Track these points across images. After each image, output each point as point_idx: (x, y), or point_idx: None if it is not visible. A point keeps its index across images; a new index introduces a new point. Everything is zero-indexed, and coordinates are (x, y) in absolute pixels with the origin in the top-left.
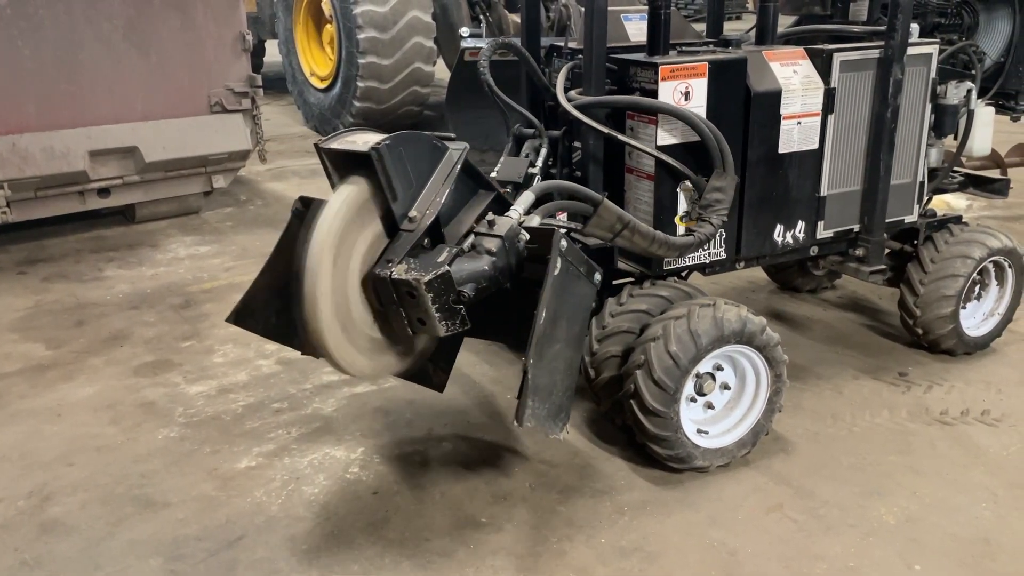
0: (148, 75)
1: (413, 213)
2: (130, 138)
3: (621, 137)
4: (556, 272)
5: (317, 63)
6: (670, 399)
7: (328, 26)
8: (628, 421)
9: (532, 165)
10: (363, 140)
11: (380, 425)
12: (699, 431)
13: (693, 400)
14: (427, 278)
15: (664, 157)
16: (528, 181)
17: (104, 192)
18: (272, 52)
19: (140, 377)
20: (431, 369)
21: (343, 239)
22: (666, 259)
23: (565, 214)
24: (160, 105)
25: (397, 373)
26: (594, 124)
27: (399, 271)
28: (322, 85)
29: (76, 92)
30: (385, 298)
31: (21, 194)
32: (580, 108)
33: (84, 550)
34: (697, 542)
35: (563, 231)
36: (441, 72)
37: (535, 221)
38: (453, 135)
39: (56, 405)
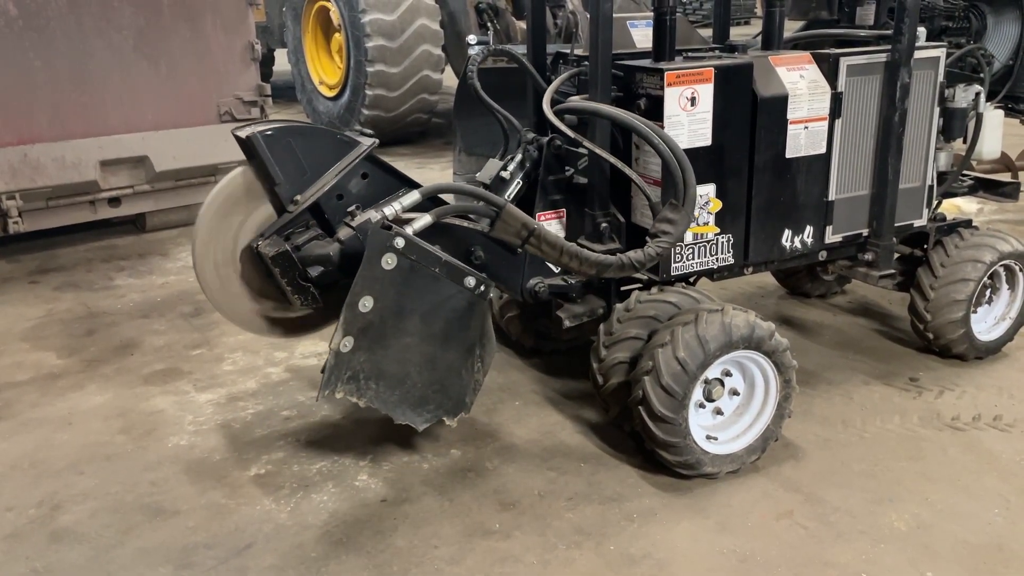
0: (158, 85)
1: (297, 197)
2: (140, 148)
3: (588, 143)
4: (390, 267)
5: (326, 72)
6: (678, 405)
7: (337, 35)
8: (636, 427)
9: (504, 168)
10: (259, 129)
11: (388, 432)
12: (708, 437)
13: (702, 406)
14: (271, 253)
15: (614, 161)
16: (497, 183)
17: (115, 201)
18: (281, 61)
19: (150, 385)
20: None
21: (220, 213)
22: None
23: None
24: (170, 114)
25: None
26: (563, 127)
27: (262, 245)
28: (331, 93)
29: (87, 102)
30: (263, 269)
31: (33, 204)
32: (560, 113)
33: (94, 558)
34: (707, 549)
35: (395, 229)
36: (449, 80)
37: (425, 220)
38: (371, 131)
39: (67, 414)
